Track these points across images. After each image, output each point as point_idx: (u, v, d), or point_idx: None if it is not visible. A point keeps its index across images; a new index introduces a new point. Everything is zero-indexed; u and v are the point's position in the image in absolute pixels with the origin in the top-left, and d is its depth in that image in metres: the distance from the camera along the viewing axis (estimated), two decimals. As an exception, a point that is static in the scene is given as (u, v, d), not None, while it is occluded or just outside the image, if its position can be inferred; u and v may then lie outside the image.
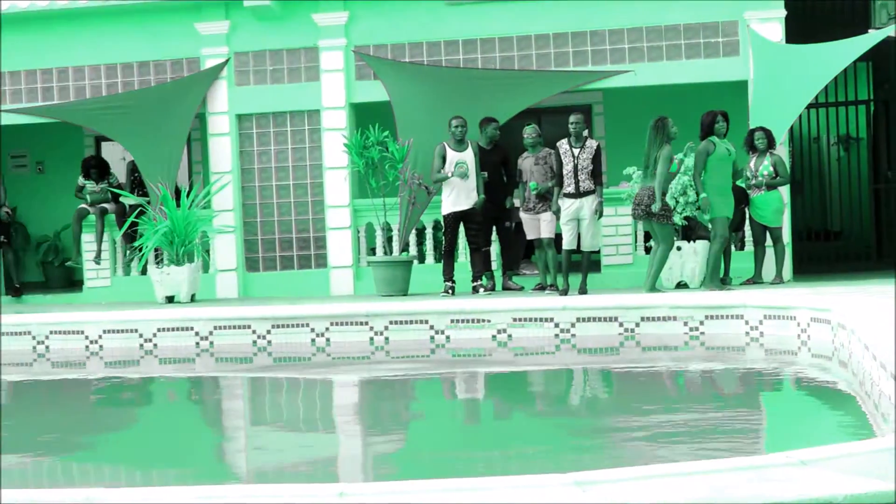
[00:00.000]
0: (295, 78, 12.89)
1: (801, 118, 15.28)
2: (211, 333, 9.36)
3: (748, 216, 11.48)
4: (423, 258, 12.58)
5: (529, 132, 11.53)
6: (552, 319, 8.99)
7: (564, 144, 10.96)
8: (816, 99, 13.89)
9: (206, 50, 12.94)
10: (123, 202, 13.43)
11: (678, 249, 11.14)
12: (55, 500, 3.26)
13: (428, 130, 12.01)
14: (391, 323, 9.16)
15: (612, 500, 2.96)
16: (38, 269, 15.20)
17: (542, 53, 12.44)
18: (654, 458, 4.80)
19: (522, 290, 11.78)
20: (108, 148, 15.32)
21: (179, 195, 12.42)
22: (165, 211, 12.05)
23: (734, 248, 11.62)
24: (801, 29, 12.53)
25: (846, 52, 11.43)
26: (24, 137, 14.86)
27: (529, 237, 11.72)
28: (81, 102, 13.20)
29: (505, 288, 11.92)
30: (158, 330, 9.46)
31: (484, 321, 9.06)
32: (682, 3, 12.14)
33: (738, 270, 11.38)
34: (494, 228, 11.99)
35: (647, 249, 11.62)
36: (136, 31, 13.05)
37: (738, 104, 12.00)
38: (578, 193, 10.87)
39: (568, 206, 10.90)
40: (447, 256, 11.52)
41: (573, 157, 10.88)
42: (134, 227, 12.54)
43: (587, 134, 11.19)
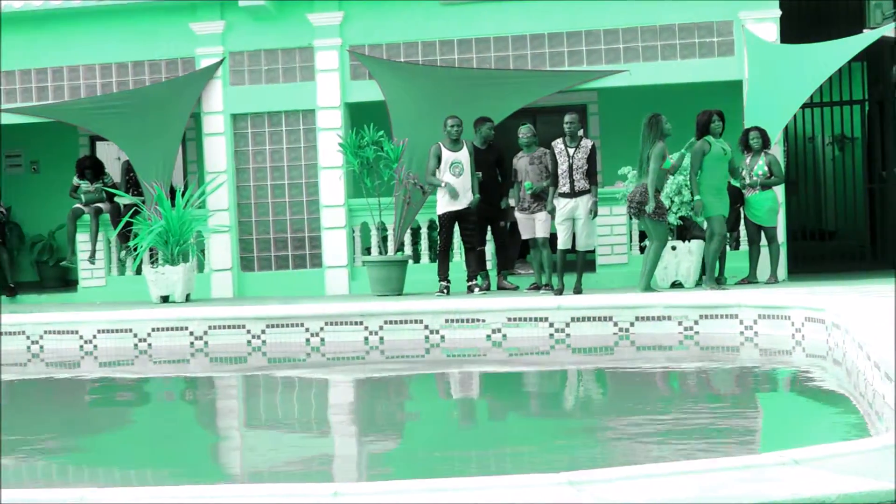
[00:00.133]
0: (290, 78, 12.88)
1: (795, 118, 15.31)
2: (206, 333, 9.35)
3: (743, 216, 11.49)
4: (417, 258, 12.58)
5: (524, 132, 11.52)
6: (547, 319, 8.99)
7: (559, 144, 10.97)
8: (811, 99, 13.91)
9: (200, 50, 12.92)
10: (118, 202, 13.41)
11: (673, 249, 11.15)
12: (49, 499, 3.26)
13: (423, 130, 12.00)
14: (386, 323, 9.16)
15: (605, 499, 2.97)
16: (32, 268, 15.17)
17: (537, 53, 12.44)
18: (647, 457, 4.80)
19: (517, 289, 11.79)
20: (102, 148, 15.33)
21: (174, 195, 12.40)
22: (160, 210, 12.04)
23: (729, 247, 11.63)
24: (795, 29, 12.54)
25: (841, 52, 11.44)
26: (18, 137, 14.84)
27: (524, 237, 11.71)
28: (76, 102, 13.17)
29: (500, 288, 11.93)
30: (153, 330, 9.45)
31: (479, 321, 9.06)
32: (676, 3, 12.14)
33: (732, 270, 11.38)
34: (489, 228, 12.00)
35: (642, 249, 11.63)
36: (130, 30, 13.02)
37: (732, 104, 12.01)
38: (573, 193, 10.87)
39: (563, 205, 10.91)
40: (442, 256, 11.53)
41: (568, 156, 10.89)
42: (129, 226, 12.52)
43: (582, 134, 11.19)
